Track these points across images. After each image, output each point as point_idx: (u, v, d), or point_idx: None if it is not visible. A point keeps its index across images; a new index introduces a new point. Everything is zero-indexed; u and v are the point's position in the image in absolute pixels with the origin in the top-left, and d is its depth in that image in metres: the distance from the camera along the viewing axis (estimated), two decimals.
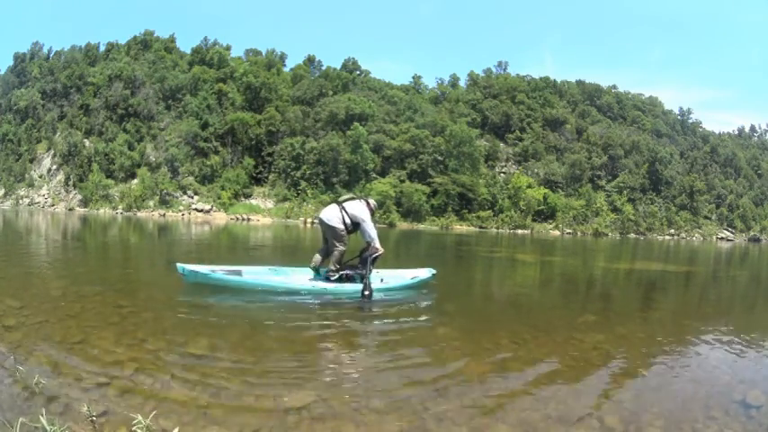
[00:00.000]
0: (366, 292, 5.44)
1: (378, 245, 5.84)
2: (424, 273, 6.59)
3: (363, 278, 5.62)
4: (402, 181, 48.75)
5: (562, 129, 63.24)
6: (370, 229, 5.86)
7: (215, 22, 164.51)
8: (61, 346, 3.37)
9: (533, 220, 51.52)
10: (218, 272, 5.80)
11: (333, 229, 5.85)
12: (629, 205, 56.36)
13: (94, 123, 51.67)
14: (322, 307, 5.26)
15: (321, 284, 5.77)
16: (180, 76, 53.76)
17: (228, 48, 61.16)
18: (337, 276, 5.85)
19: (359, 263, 5.98)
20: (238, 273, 5.99)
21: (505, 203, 51.71)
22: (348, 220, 5.87)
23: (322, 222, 6.01)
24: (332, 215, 5.92)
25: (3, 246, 12.00)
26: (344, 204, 5.98)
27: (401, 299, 5.90)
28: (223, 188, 47.23)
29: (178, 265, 5.67)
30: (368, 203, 6.09)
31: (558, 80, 71.90)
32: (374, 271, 6.00)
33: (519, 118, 62.68)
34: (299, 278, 6.04)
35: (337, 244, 5.87)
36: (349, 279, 5.87)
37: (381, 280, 6.12)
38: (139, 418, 2.21)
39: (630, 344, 4.41)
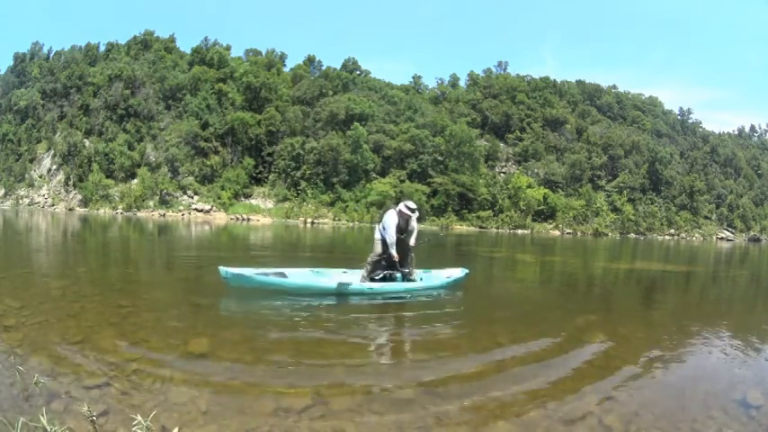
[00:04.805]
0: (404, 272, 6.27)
1: (393, 252, 6.12)
2: (458, 272, 6.92)
3: (405, 276, 6.30)
4: (402, 181, 48.70)
5: (562, 129, 63.18)
6: (388, 238, 6.12)
7: (215, 22, 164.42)
8: (61, 346, 3.37)
9: (533, 220, 51.46)
10: (263, 275, 5.85)
11: (373, 242, 6.42)
12: (629, 205, 56.30)
13: (94, 123, 51.61)
14: (322, 307, 5.26)
15: (368, 284, 6.06)
16: (180, 76, 53.69)
17: (228, 48, 61.09)
18: (381, 276, 6.21)
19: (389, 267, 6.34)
20: (282, 275, 6.09)
21: (505, 203, 51.64)
22: (379, 235, 6.27)
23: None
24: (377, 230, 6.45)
25: (3, 246, 12.00)
26: (383, 219, 6.36)
27: (403, 300, 5.91)
28: (223, 188, 47.20)
29: (221, 268, 5.66)
30: (399, 211, 6.27)
31: (558, 80, 71.82)
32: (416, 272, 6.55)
33: (519, 118, 62.61)
34: (347, 278, 6.23)
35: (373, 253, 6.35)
36: (391, 279, 6.28)
37: (420, 279, 6.54)
38: (139, 418, 2.21)
39: (630, 344, 4.41)
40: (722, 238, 56.76)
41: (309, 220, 43.38)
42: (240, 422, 2.43)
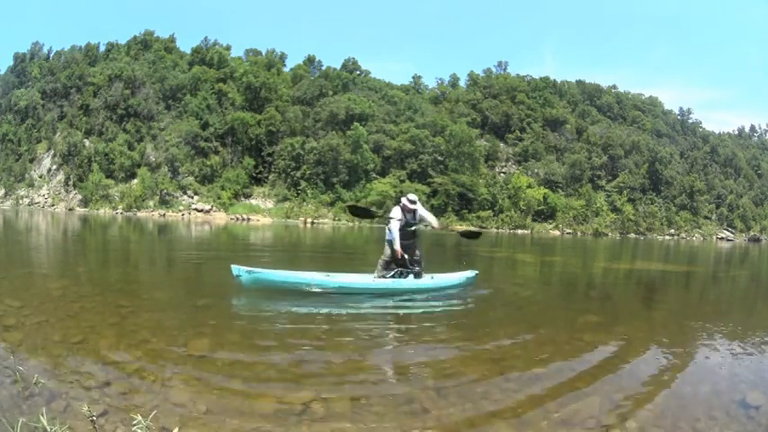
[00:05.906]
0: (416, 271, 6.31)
1: (397, 246, 6.16)
2: (468, 273, 7.06)
3: (416, 275, 6.32)
4: (402, 181, 48.68)
5: (562, 129, 63.15)
6: (393, 235, 6.18)
7: (215, 22, 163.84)
8: (61, 346, 3.37)
9: (533, 220, 51.46)
10: (277, 274, 5.87)
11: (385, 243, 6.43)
12: (629, 205, 56.29)
13: (94, 123, 51.59)
14: (324, 308, 5.26)
15: (381, 281, 6.18)
16: (180, 76, 53.66)
17: (228, 48, 61.03)
18: (392, 273, 6.28)
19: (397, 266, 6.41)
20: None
21: (505, 203, 51.63)
22: (389, 235, 6.30)
23: None
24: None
25: (3, 246, 12.00)
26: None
27: (407, 300, 5.91)
28: (223, 188, 47.20)
29: (233, 267, 5.62)
30: (403, 206, 6.29)
31: (558, 80, 71.73)
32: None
33: (519, 118, 62.57)
34: (364, 278, 6.31)
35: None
36: (402, 275, 6.34)
37: (432, 277, 6.60)
38: (139, 418, 2.21)
39: (631, 344, 4.41)
40: (722, 238, 56.75)
41: (309, 220, 43.37)
42: (240, 422, 2.43)
